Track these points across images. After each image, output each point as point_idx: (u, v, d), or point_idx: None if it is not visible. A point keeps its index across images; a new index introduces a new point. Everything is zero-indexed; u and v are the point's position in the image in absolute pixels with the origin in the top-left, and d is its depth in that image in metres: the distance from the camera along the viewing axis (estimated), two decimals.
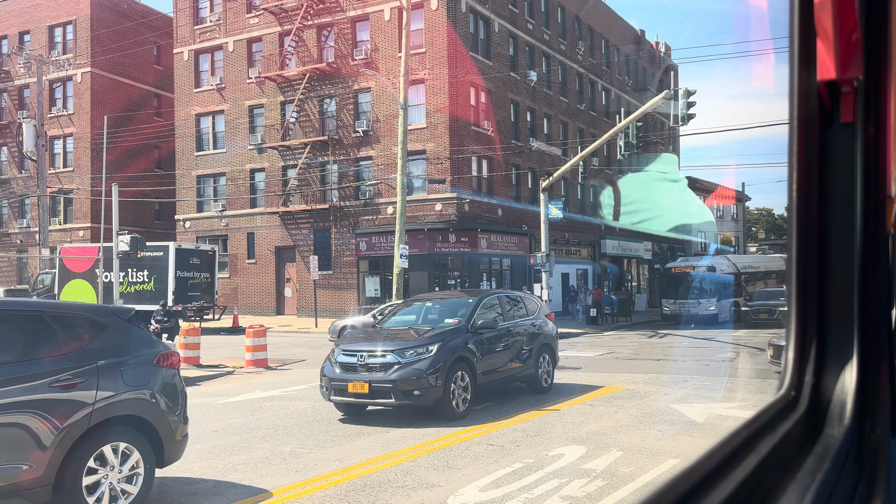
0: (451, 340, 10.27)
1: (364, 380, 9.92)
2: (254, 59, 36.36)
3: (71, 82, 42.03)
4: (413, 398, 9.72)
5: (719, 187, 58.26)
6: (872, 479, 1.43)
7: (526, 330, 12.12)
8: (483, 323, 10.99)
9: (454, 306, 11.80)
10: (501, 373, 11.33)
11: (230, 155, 36.70)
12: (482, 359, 10.73)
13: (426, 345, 10.09)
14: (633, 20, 75.60)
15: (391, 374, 9.81)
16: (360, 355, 10.18)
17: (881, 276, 1.50)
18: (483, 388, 10.86)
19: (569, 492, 6.47)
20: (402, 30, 25.65)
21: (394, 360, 9.94)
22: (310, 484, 6.96)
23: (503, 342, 11.43)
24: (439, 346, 10.04)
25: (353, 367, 10.15)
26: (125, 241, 19.04)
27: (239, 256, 36.46)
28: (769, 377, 13.34)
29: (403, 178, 25.52)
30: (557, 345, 13.34)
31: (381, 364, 9.97)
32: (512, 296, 13.09)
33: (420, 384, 9.70)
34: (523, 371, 11.85)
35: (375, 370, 9.97)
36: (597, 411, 10.61)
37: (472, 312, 11.07)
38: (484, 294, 12.09)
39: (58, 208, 41.92)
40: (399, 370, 9.81)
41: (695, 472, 1.19)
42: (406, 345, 10.16)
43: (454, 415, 10.01)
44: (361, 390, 9.86)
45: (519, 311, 12.40)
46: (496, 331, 11.27)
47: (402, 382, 9.70)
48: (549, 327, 13.01)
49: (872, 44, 1.42)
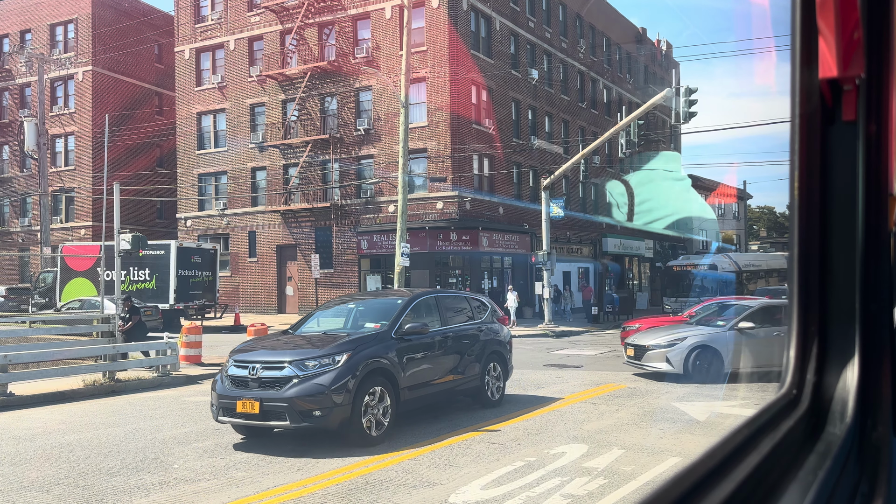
0: (365, 349, 8.69)
1: (254, 397, 8.28)
2: (255, 58, 36.36)
3: (72, 81, 42.04)
4: (312, 419, 8.10)
5: (721, 185, 58.24)
6: (874, 477, 1.43)
7: (470, 336, 10.67)
8: (411, 328, 9.37)
9: (381, 309, 10.31)
10: (435, 386, 9.81)
11: (231, 153, 36.70)
12: (409, 370, 9.22)
13: (332, 354, 8.44)
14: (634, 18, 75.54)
15: (286, 390, 8.19)
16: (251, 367, 8.55)
17: (883, 274, 1.50)
18: (410, 406, 9.38)
19: (570, 490, 6.47)
20: (404, 28, 25.63)
21: (291, 373, 8.32)
22: (312, 482, 6.97)
23: (439, 350, 9.93)
24: (349, 357, 8.44)
25: (243, 382, 8.52)
26: (126, 240, 19.04)
27: (240, 255, 36.48)
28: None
29: (405, 176, 25.51)
30: (511, 352, 11.78)
31: (275, 378, 8.36)
32: (454, 297, 11.62)
33: (321, 402, 8.08)
34: (465, 383, 10.38)
35: (268, 385, 8.35)
36: (598, 409, 10.61)
37: (399, 316, 9.54)
38: (417, 294, 10.56)
39: (59, 207, 41.95)
40: (296, 386, 8.19)
41: (696, 471, 1.19)
42: (308, 354, 8.52)
43: (365, 440, 8.38)
44: (251, 410, 8.25)
45: (462, 315, 10.95)
46: (429, 337, 9.75)
47: (299, 400, 8.09)
48: (500, 333, 11.52)
49: (874, 42, 1.42)
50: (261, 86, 35.92)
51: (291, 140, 34.53)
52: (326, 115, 34.45)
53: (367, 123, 32.87)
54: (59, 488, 6.93)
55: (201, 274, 29.95)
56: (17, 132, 42.08)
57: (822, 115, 1.50)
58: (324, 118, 34.49)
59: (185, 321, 23.44)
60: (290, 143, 34.57)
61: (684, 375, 13.14)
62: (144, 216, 41.88)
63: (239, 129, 36.46)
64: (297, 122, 34.88)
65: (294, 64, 34.99)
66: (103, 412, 11.23)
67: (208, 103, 37.53)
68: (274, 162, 35.54)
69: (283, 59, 35.09)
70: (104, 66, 41.83)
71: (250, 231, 36.22)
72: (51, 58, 37.69)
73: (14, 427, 10.06)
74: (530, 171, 36.76)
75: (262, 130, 35.73)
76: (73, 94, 42.17)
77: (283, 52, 35.06)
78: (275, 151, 35.45)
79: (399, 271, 25.52)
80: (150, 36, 44.18)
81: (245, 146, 36.22)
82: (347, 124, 33.62)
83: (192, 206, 38.21)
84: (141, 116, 42.93)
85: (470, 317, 11.05)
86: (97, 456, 8.18)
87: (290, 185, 34.91)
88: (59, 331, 18.98)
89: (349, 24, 33.73)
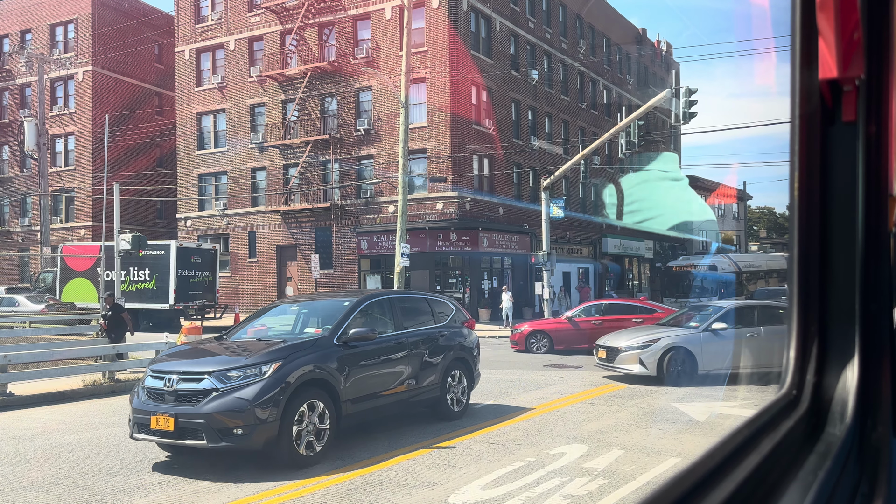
0: (299, 358, 7.78)
1: (170, 412, 7.35)
2: (255, 58, 36.37)
3: (72, 81, 42.05)
4: (232, 438, 7.16)
5: (721, 186, 58.25)
6: (874, 477, 1.43)
7: (429, 341, 9.76)
8: (357, 334, 8.44)
9: (326, 312, 9.33)
10: (386, 398, 8.91)
11: (231, 153, 36.71)
12: (354, 381, 8.30)
13: (259, 364, 7.53)
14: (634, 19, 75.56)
15: (204, 404, 7.27)
16: (168, 378, 7.63)
17: (883, 275, 1.50)
18: (355, 420, 8.43)
19: (570, 490, 6.47)
20: (404, 28, 25.63)
21: (210, 385, 7.42)
22: (311, 482, 6.97)
23: (391, 358, 9.03)
24: (278, 367, 7.51)
25: (159, 395, 7.63)
26: (126, 240, 19.04)
27: (240, 255, 36.48)
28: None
29: (405, 176, 25.51)
30: (477, 359, 10.85)
31: (192, 391, 7.46)
32: (412, 298, 10.57)
33: (243, 419, 7.17)
34: (422, 393, 9.48)
35: (185, 399, 7.45)
36: (598, 410, 10.61)
37: (344, 320, 8.63)
38: (368, 296, 9.62)
39: (59, 207, 41.95)
40: (216, 399, 7.28)
41: (696, 471, 1.19)
42: (232, 364, 7.63)
43: (296, 460, 7.46)
44: (165, 426, 7.32)
45: (421, 318, 10.03)
46: (379, 343, 8.88)
47: (218, 416, 7.17)
48: (465, 337, 10.55)
49: (874, 42, 1.42)
50: (261, 86, 35.92)
51: (291, 140, 34.54)
52: (326, 116, 34.46)
53: (368, 124, 32.88)
54: (59, 488, 6.93)
55: (201, 274, 29.95)
56: (17, 132, 42.08)
57: (822, 115, 1.50)
58: (324, 118, 34.50)
59: (184, 321, 23.44)
60: (290, 143, 34.57)
61: (657, 377, 12.95)
62: (144, 216, 41.89)
63: (239, 130, 36.47)
64: (297, 122, 34.88)
65: (294, 64, 35.00)
66: (103, 412, 11.23)
67: (208, 103, 37.53)
68: (274, 162, 35.55)
69: (284, 60, 35.10)
70: (104, 67, 41.84)
71: (250, 231, 36.22)
72: (51, 58, 37.71)
73: (14, 427, 10.06)
74: (530, 172, 36.77)
75: (262, 131, 35.74)
76: (73, 95, 42.18)
77: (284, 53, 35.07)
78: (275, 152, 35.45)
79: (399, 272, 25.52)
80: (151, 36, 44.19)
81: (245, 146, 36.23)
82: (347, 125, 33.63)
83: (192, 206, 38.22)
84: (141, 116, 42.93)
85: (430, 320, 10.13)
86: (97, 456, 8.18)
87: (290, 186, 34.91)
88: (59, 331, 19.00)
89: (349, 25, 33.74)
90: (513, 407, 10.96)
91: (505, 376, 14.58)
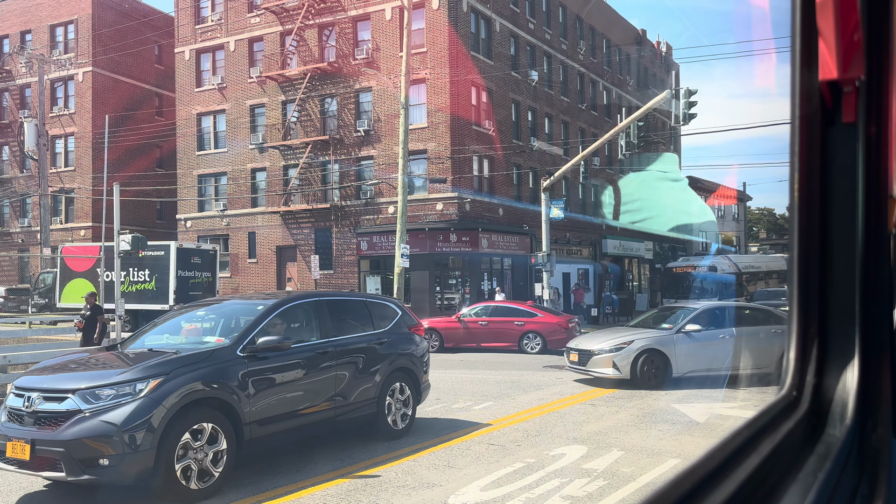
0: (187, 373, 6.57)
1: (26, 438, 6.16)
2: (255, 59, 36.38)
3: (72, 81, 42.06)
4: (97, 471, 5.99)
5: (720, 187, 58.26)
6: (874, 478, 1.43)
7: (364, 350, 8.62)
8: (267, 343, 7.25)
9: (234, 317, 8.15)
10: (305, 417, 7.69)
11: (231, 154, 36.72)
12: (261, 399, 7.13)
13: (133, 381, 6.33)
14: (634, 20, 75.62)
15: (65, 429, 6.09)
16: (28, 397, 6.45)
17: (883, 276, 1.50)
18: (263, 445, 7.26)
19: (570, 491, 6.47)
20: (404, 29, 25.64)
21: (74, 405, 6.22)
22: (311, 483, 6.97)
23: (312, 370, 7.82)
24: (158, 384, 6.33)
25: (19, 416, 6.44)
26: (126, 241, 19.04)
27: (240, 256, 36.48)
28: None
29: (404, 177, 25.51)
30: (425, 368, 9.69)
31: (54, 413, 6.27)
32: (346, 301, 9.34)
33: (110, 447, 6.00)
34: (354, 410, 8.34)
35: (46, 422, 6.27)
36: (598, 411, 10.61)
37: (253, 327, 7.44)
38: (288, 298, 8.40)
39: (59, 208, 41.96)
40: (79, 423, 6.10)
41: (696, 472, 1.19)
42: (104, 381, 6.39)
43: (182, 495, 6.30)
44: (21, 455, 6.14)
45: (356, 324, 8.85)
46: (297, 354, 7.68)
47: (81, 443, 6.00)
48: (411, 345, 9.46)
49: (874, 43, 1.42)
50: (261, 87, 35.93)
51: (291, 141, 34.55)
52: (326, 117, 34.47)
53: (367, 125, 32.89)
54: (60, 488, 6.91)
55: (201, 275, 29.93)
56: (17, 133, 42.09)
57: (822, 116, 1.50)
58: (324, 119, 34.51)
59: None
60: (289, 144, 34.58)
61: (632, 381, 12.65)
62: (144, 217, 41.90)
63: (239, 130, 36.48)
64: (296, 123, 34.89)
65: (294, 65, 35.01)
66: None
67: (208, 104, 37.54)
68: (274, 163, 35.56)
69: (283, 61, 35.11)
70: (104, 67, 41.85)
71: (250, 232, 36.23)
72: (51, 58, 37.71)
73: None
74: (530, 173, 36.78)
75: (262, 131, 35.75)
76: (73, 95, 42.19)
77: (283, 54, 35.09)
78: (275, 152, 35.46)
79: (399, 272, 25.53)
80: (151, 37, 44.21)
81: (245, 147, 36.24)
82: (347, 125, 33.63)
83: (192, 206, 38.22)
84: (141, 117, 42.95)
85: (368, 326, 8.96)
86: None
87: (290, 187, 34.92)
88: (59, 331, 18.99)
89: (349, 26, 33.75)
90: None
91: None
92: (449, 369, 15.99)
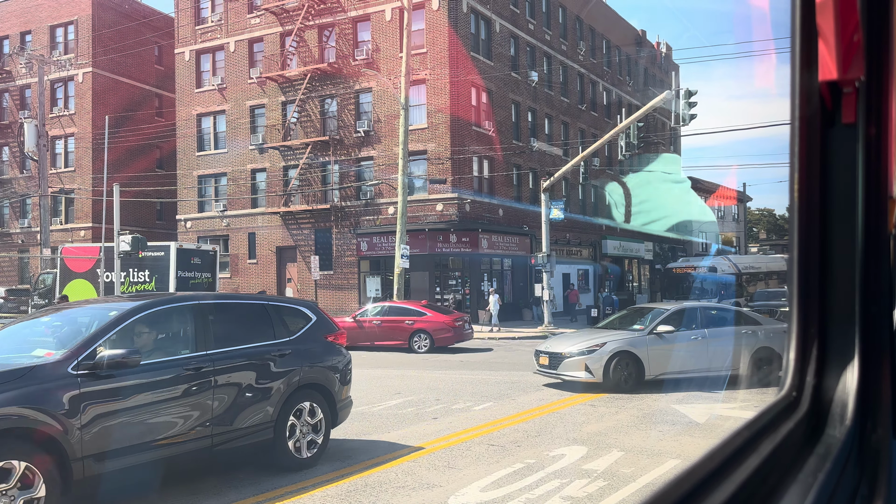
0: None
1: None
2: (255, 59, 36.40)
3: (72, 82, 42.07)
4: None
5: (720, 187, 58.29)
6: (874, 479, 1.43)
7: (257, 364, 7.14)
8: (112, 358, 5.83)
9: (78, 325, 6.63)
10: (166, 448, 6.27)
11: (231, 155, 36.73)
12: (102, 427, 5.74)
13: None
14: (634, 20, 75.63)
15: None
16: None
17: (883, 277, 1.50)
18: (105, 484, 5.78)
19: (570, 492, 6.46)
20: (404, 30, 25.66)
21: None
22: (311, 483, 6.96)
23: (179, 390, 6.42)
24: None
25: None
26: (126, 241, 19.05)
27: (240, 256, 36.49)
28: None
29: (404, 178, 25.53)
30: (344, 383, 8.18)
31: None
32: (238, 305, 7.83)
33: None
34: (240, 438, 6.89)
35: None
36: (598, 412, 10.60)
37: (95, 338, 6.05)
38: (150, 302, 6.82)
39: (59, 208, 41.97)
40: None
41: (696, 473, 1.19)
42: None
43: None
44: None
45: (252, 332, 7.37)
46: (156, 370, 6.32)
47: None
48: (326, 357, 7.98)
49: (874, 44, 1.42)
50: (261, 87, 35.95)
51: (291, 142, 34.56)
52: (326, 117, 34.48)
53: (367, 125, 32.90)
54: None
55: (201, 275, 29.93)
56: (17, 133, 42.09)
57: (822, 117, 1.50)
58: (324, 120, 34.52)
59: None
60: (289, 144, 34.59)
61: (604, 384, 12.27)
62: (144, 218, 41.90)
63: (239, 131, 36.49)
64: (296, 123, 34.90)
65: (294, 66, 35.03)
66: None
67: (208, 105, 37.56)
68: (274, 164, 35.57)
69: (283, 61, 35.12)
70: (104, 68, 41.87)
71: (250, 233, 36.24)
72: (51, 59, 37.73)
73: None
74: (530, 173, 36.79)
75: (262, 132, 35.76)
76: (73, 96, 42.21)
77: (283, 54, 35.10)
78: (275, 153, 35.47)
79: (399, 273, 25.53)
80: (151, 37, 44.23)
81: (245, 148, 36.26)
82: (347, 126, 33.64)
83: (192, 207, 38.23)
84: (141, 118, 42.97)
85: (268, 334, 7.46)
86: None
87: (290, 187, 34.93)
88: None
89: (349, 26, 33.77)
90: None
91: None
92: (449, 370, 15.99)
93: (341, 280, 33.44)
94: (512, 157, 35.15)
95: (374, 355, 19.65)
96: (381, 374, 15.27)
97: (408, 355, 19.71)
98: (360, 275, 33.16)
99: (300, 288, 34.55)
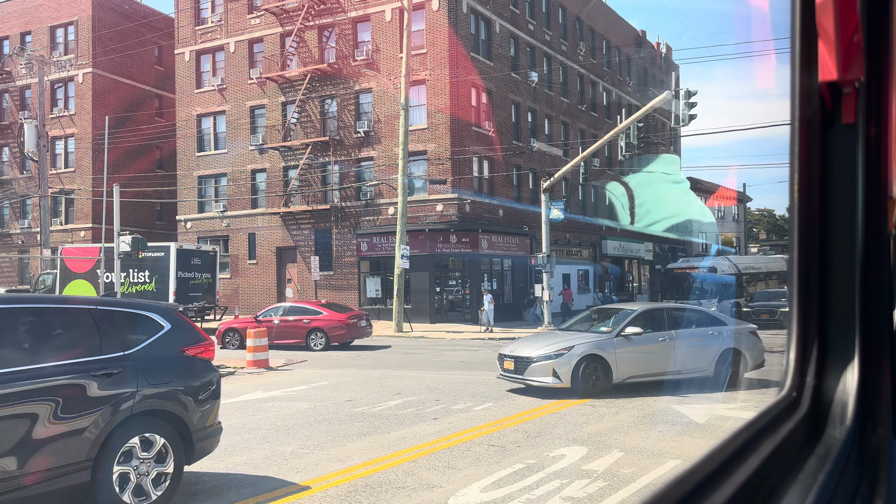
0: None
1: None
2: (255, 60, 36.41)
3: (72, 83, 42.09)
4: None
5: (720, 188, 58.29)
6: (874, 480, 1.43)
7: (62, 388, 5.47)
8: None
9: None
10: None
11: (231, 155, 36.74)
12: None
13: None
14: (634, 21, 75.68)
15: None
16: None
17: (883, 277, 1.50)
18: None
19: (570, 493, 6.46)
20: (404, 30, 25.66)
21: None
22: (312, 483, 6.96)
23: None
24: None
25: None
26: (126, 242, 19.05)
27: (240, 257, 36.49)
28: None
29: (404, 178, 25.53)
30: (209, 408, 6.65)
31: None
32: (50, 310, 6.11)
33: None
34: (37, 484, 5.22)
35: None
36: (598, 412, 10.60)
37: None
38: None
39: (59, 209, 41.97)
40: None
41: (696, 473, 1.19)
42: None
43: None
44: None
45: (71, 345, 5.86)
46: None
47: None
48: (180, 376, 6.38)
49: (874, 45, 1.42)
50: (261, 88, 35.96)
51: (291, 142, 34.56)
52: (326, 118, 34.49)
53: (367, 126, 32.90)
54: None
55: (201, 276, 29.95)
56: (17, 134, 42.08)
57: (822, 117, 1.50)
58: (324, 120, 34.53)
59: None
60: (289, 145, 34.60)
61: (572, 389, 11.72)
62: (144, 218, 41.91)
63: (239, 132, 36.49)
64: (296, 124, 34.91)
65: (294, 66, 35.03)
66: None
67: (208, 105, 37.56)
68: (274, 164, 35.57)
69: (283, 62, 35.13)
70: (104, 69, 41.88)
71: (250, 233, 36.24)
72: (51, 60, 37.72)
73: None
74: (530, 174, 36.79)
75: (262, 132, 35.77)
76: (73, 96, 42.22)
77: (283, 55, 35.10)
78: (275, 153, 35.48)
79: (399, 273, 25.54)
80: (151, 38, 44.23)
81: (245, 148, 36.26)
82: (347, 126, 33.65)
83: (192, 208, 38.23)
84: (141, 118, 42.97)
85: (89, 349, 5.82)
86: None
87: (290, 188, 34.93)
88: None
89: (349, 27, 33.77)
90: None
91: None
92: (448, 370, 15.99)
93: (341, 280, 33.44)
94: (512, 158, 35.16)
95: (374, 355, 19.66)
96: (381, 375, 15.28)
97: (408, 355, 19.71)
98: (361, 275, 33.16)
99: (300, 288, 34.56)
